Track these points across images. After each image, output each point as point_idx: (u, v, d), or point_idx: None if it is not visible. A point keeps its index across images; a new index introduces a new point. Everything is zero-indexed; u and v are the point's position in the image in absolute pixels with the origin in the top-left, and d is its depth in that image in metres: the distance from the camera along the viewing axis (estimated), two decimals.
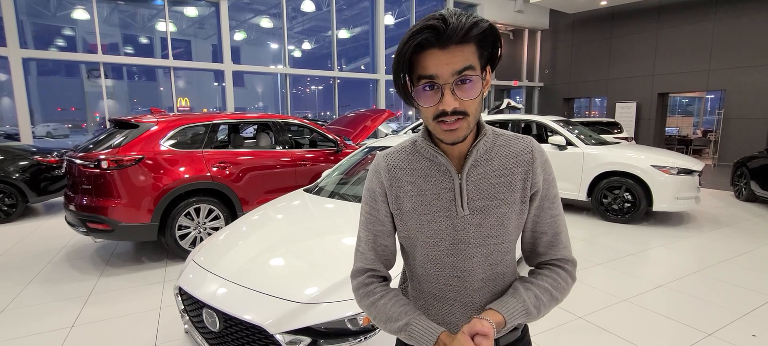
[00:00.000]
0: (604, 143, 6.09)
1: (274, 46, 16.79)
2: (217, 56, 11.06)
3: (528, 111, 16.55)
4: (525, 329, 1.01)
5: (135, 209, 3.76)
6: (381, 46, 12.94)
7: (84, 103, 18.26)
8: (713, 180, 8.86)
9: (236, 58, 12.95)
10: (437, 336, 0.83)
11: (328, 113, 14.98)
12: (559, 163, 5.81)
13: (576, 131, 6.13)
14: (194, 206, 4.06)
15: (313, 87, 28.04)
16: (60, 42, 14.91)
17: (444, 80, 0.77)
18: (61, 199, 4.75)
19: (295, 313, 1.74)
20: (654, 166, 5.19)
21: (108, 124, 5.33)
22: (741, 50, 11.31)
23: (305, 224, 2.66)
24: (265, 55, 20.26)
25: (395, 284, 1.07)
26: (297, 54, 18.44)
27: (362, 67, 17.63)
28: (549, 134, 6.05)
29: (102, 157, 3.71)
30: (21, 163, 5.88)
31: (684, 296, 3.23)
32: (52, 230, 5.22)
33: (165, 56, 10.66)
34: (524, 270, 1.00)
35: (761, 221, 5.52)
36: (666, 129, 14.36)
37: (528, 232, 0.95)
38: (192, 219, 4.08)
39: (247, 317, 1.77)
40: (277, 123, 4.90)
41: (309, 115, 16.01)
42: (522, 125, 7.04)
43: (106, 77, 9.78)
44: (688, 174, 5.19)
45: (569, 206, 6.26)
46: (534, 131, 7.16)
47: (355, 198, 2.92)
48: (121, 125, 4.17)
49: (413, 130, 8.29)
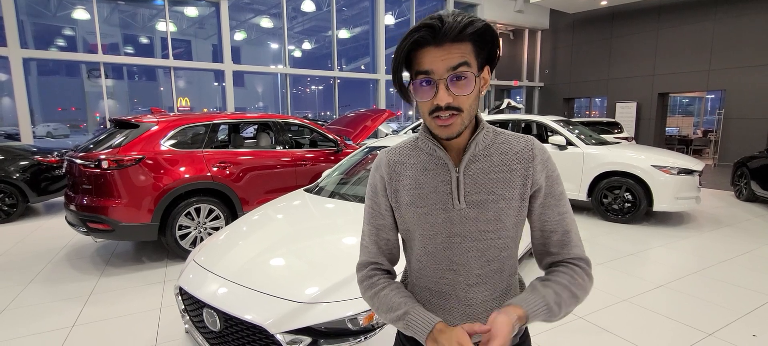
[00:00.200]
0: (605, 143, 6.08)
1: (275, 46, 16.79)
2: (218, 56, 11.06)
3: (528, 111, 16.55)
4: (525, 335, 1.00)
5: (135, 209, 3.77)
6: (381, 46, 12.93)
7: (84, 103, 18.26)
8: (713, 180, 8.86)
9: (236, 58, 12.96)
10: (433, 326, 0.83)
11: (329, 113, 14.98)
12: (560, 163, 5.80)
13: (576, 131, 6.13)
14: (194, 206, 4.07)
15: (314, 87, 28.03)
16: (60, 42, 14.92)
17: (439, 76, 0.79)
18: (62, 199, 4.75)
19: (296, 313, 1.74)
20: (654, 166, 5.19)
21: (108, 124, 5.33)
22: (741, 50, 11.30)
23: (305, 224, 2.66)
24: (266, 55, 20.27)
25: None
26: (297, 54, 18.43)
27: (362, 67, 17.63)
28: (549, 134, 6.05)
29: (102, 157, 3.71)
30: (21, 163, 5.88)
31: (684, 296, 3.23)
32: (53, 230, 5.22)
33: (165, 56, 10.66)
34: (524, 270, 1.00)
35: (761, 221, 5.52)
36: (666, 129, 14.35)
37: (537, 231, 0.94)
38: (192, 219, 4.08)
39: (248, 317, 1.77)
40: (278, 123, 4.90)
41: (309, 115, 16.01)
42: (522, 125, 7.04)
43: (107, 77, 9.78)
44: (689, 174, 5.19)
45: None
46: (534, 131, 7.16)
47: (356, 198, 2.93)
48: (122, 125, 4.17)
49: (413, 130, 8.29)
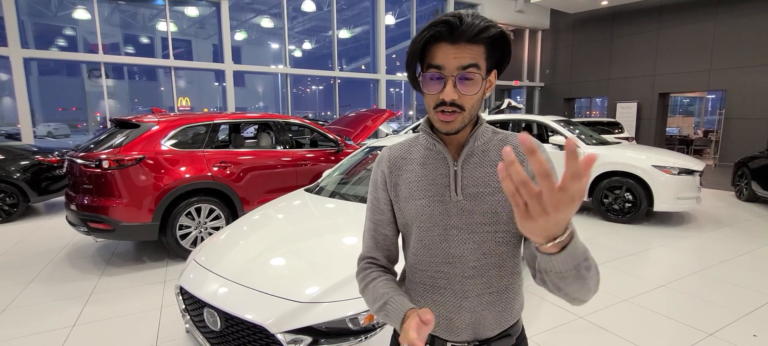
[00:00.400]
0: (605, 143, 6.08)
1: (275, 45, 16.80)
2: (218, 56, 11.06)
3: (529, 111, 16.54)
4: (521, 335, 1.00)
5: (136, 209, 3.77)
6: (382, 46, 12.92)
7: (85, 103, 18.29)
8: (714, 180, 8.86)
9: (237, 58, 12.97)
10: (404, 314, 0.84)
11: (329, 113, 14.99)
12: (560, 163, 5.80)
13: (577, 131, 6.13)
14: (195, 206, 4.07)
15: (314, 87, 28.05)
16: (61, 42, 14.94)
17: (449, 72, 0.82)
18: (62, 198, 4.75)
19: (296, 312, 1.74)
20: (655, 166, 5.19)
21: (109, 123, 5.33)
22: (742, 50, 11.29)
23: (306, 224, 2.66)
24: (266, 55, 20.28)
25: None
26: (297, 54, 18.43)
27: (363, 67, 17.64)
28: (550, 134, 6.05)
29: (103, 156, 3.72)
30: (22, 162, 5.88)
31: (685, 296, 3.23)
32: (53, 230, 5.23)
33: (166, 56, 10.67)
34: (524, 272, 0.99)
35: (762, 221, 5.52)
36: (667, 129, 14.33)
37: None
38: (193, 219, 4.08)
39: (249, 317, 1.77)
40: (278, 123, 4.90)
41: (309, 115, 16.02)
42: (523, 125, 7.04)
43: (107, 77, 9.78)
44: (689, 174, 5.19)
45: None
46: (535, 131, 7.15)
47: (356, 198, 2.93)
48: (122, 125, 4.17)
49: (414, 130, 8.29)
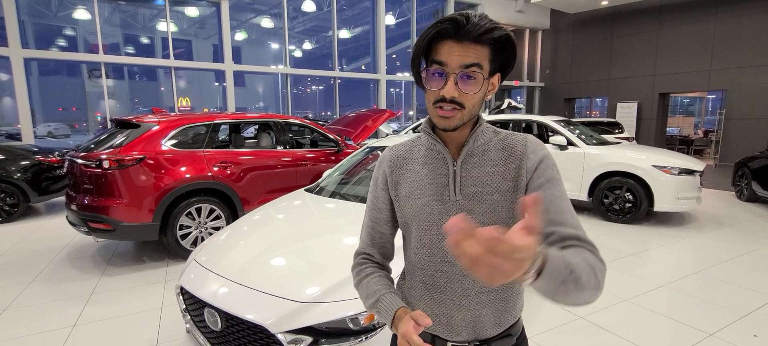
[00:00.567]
0: (605, 143, 6.08)
1: (275, 46, 16.80)
2: (218, 56, 11.07)
3: (529, 111, 16.54)
4: (521, 335, 1.00)
5: (136, 209, 3.77)
6: (382, 46, 12.92)
7: (85, 103, 18.27)
8: (714, 180, 8.86)
9: (237, 58, 12.96)
10: (395, 312, 0.87)
11: (329, 113, 14.98)
12: (560, 163, 5.78)
13: (577, 131, 6.13)
14: (195, 206, 4.07)
15: (314, 87, 28.02)
16: (61, 42, 14.93)
17: (451, 69, 0.82)
18: (63, 199, 4.75)
19: (297, 312, 1.74)
20: (655, 166, 5.19)
21: (109, 124, 5.34)
22: (742, 50, 11.29)
23: (306, 224, 2.66)
24: (266, 55, 20.27)
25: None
26: (298, 54, 18.42)
27: (363, 67, 17.63)
28: (550, 134, 6.05)
29: (103, 156, 3.72)
30: (23, 162, 5.89)
31: (685, 297, 3.23)
32: (54, 230, 5.23)
33: (166, 56, 10.67)
34: None
35: (763, 222, 5.52)
36: (667, 129, 14.33)
37: None
38: (193, 219, 4.08)
39: (249, 317, 1.77)
40: (278, 123, 4.90)
41: (310, 115, 16.01)
42: (523, 125, 7.04)
43: (107, 77, 9.78)
44: (690, 174, 5.19)
45: None
46: (535, 131, 7.15)
47: (356, 198, 2.93)
48: (123, 125, 4.18)
49: (414, 130, 8.29)
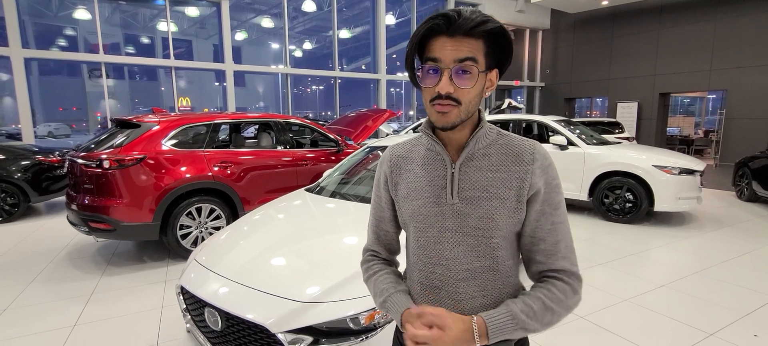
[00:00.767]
0: (606, 143, 6.08)
1: (275, 45, 16.81)
2: (219, 56, 11.07)
3: (529, 111, 16.53)
4: (523, 341, 0.98)
5: (137, 209, 3.77)
6: (382, 46, 12.92)
7: (85, 103, 18.29)
8: (715, 180, 8.85)
9: (237, 58, 12.97)
10: (402, 313, 0.89)
11: (329, 113, 14.99)
12: (561, 163, 5.80)
13: (577, 131, 6.13)
14: (196, 206, 4.07)
15: (314, 87, 28.03)
16: (62, 42, 14.95)
17: (445, 65, 0.81)
18: (63, 198, 4.76)
19: (297, 312, 1.74)
20: (655, 166, 5.19)
21: (109, 123, 5.34)
22: (742, 50, 11.29)
23: (306, 224, 2.66)
24: (266, 54, 20.28)
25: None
26: (298, 54, 18.42)
27: (363, 67, 17.64)
28: (550, 134, 6.05)
29: (104, 156, 3.72)
30: (23, 162, 5.89)
31: (685, 296, 3.23)
32: (54, 230, 5.23)
33: (166, 56, 10.68)
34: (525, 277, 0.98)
35: (763, 222, 5.51)
36: (667, 129, 14.33)
37: (527, 236, 0.90)
38: (193, 219, 4.08)
39: (249, 317, 1.77)
40: (278, 123, 4.90)
41: (310, 115, 16.03)
42: (523, 125, 7.04)
43: (108, 77, 9.79)
44: (690, 174, 5.19)
45: (570, 206, 6.25)
46: (535, 131, 7.16)
47: (357, 198, 2.93)
48: (123, 125, 4.18)
49: (414, 130, 8.29)
